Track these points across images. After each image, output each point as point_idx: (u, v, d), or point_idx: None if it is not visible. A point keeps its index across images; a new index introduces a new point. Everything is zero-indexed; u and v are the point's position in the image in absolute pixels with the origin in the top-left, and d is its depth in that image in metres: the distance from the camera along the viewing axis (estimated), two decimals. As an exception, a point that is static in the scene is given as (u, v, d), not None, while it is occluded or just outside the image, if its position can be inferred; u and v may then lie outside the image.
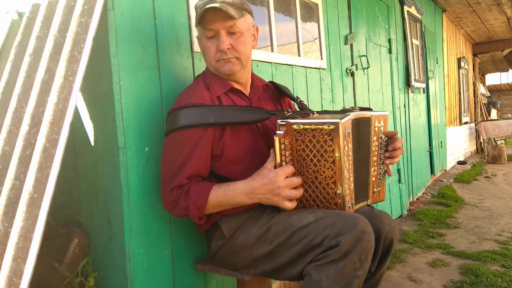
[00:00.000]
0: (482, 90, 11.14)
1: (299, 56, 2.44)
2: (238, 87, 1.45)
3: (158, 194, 1.37)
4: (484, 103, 11.12)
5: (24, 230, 1.09)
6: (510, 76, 17.73)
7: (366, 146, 1.41)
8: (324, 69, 2.65)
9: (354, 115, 1.32)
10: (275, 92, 1.63)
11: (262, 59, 2.04)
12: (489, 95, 13.20)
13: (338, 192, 1.26)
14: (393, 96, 3.88)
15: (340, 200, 1.27)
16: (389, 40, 3.87)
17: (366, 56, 3.24)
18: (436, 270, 2.65)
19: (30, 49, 1.36)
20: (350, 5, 3.09)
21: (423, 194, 4.76)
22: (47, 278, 1.35)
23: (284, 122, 1.28)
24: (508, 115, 13.98)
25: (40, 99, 1.25)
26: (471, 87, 9.13)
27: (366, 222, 1.20)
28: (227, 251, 1.37)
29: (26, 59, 1.35)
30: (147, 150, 1.41)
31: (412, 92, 4.42)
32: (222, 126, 1.33)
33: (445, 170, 6.20)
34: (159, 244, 1.45)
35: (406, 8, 4.31)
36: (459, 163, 7.20)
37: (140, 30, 1.41)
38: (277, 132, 1.28)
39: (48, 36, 1.34)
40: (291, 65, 2.28)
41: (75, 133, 1.48)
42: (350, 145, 1.29)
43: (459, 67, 7.62)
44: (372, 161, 1.43)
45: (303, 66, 2.41)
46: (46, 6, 1.40)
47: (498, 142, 8.23)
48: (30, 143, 1.21)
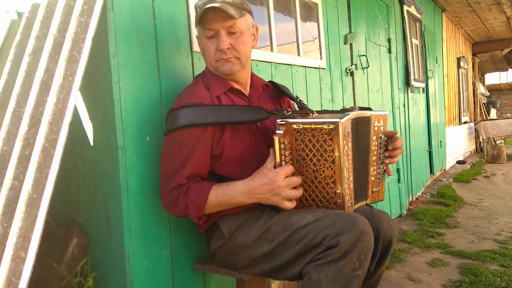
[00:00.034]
0: (481, 89, 11.14)
1: (299, 56, 2.43)
2: (237, 86, 1.45)
3: (157, 194, 1.37)
4: (484, 103, 11.13)
5: (23, 230, 1.09)
6: (510, 76, 17.75)
7: (365, 145, 1.40)
8: (323, 68, 2.65)
9: (353, 114, 1.32)
10: (275, 92, 1.63)
11: (262, 59, 2.03)
12: (488, 94, 13.22)
13: (338, 191, 1.26)
14: (392, 95, 3.88)
15: (339, 200, 1.27)
16: (388, 40, 3.87)
17: (365, 55, 3.24)
18: (435, 269, 2.65)
19: (29, 49, 1.36)
20: (349, 4, 3.09)
21: (422, 193, 4.76)
22: (46, 278, 1.35)
23: (283, 122, 1.27)
24: (508, 114, 13.99)
25: (39, 99, 1.25)
26: (470, 87, 9.13)
27: (366, 221, 1.20)
28: (227, 251, 1.37)
29: (26, 59, 1.35)
30: (146, 149, 1.41)
31: (411, 91, 4.42)
32: (222, 125, 1.33)
33: (444, 169, 6.21)
34: (158, 244, 1.45)
35: (405, 7, 4.31)
36: (459, 162, 7.20)
37: (139, 30, 1.41)
38: (276, 131, 1.28)
39: (47, 36, 1.34)
40: (290, 64, 2.28)
41: (74, 133, 1.47)
42: (350, 144, 1.29)
43: (458, 66, 7.62)
44: (372, 160, 1.43)
45: (303, 66, 2.41)
46: (45, 6, 1.40)
47: (498, 142, 8.24)
48: (29, 143, 1.20)
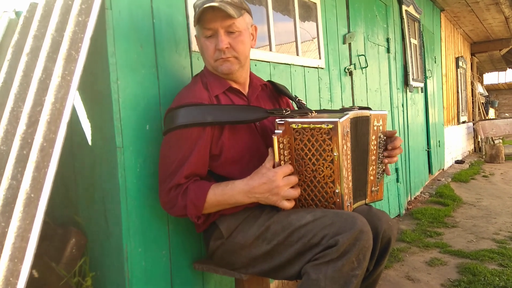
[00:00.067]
0: (480, 89, 11.16)
1: (298, 56, 2.43)
2: (236, 86, 1.44)
3: (156, 193, 1.37)
4: (482, 103, 11.15)
5: (21, 230, 1.08)
6: (508, 76, 17.81)
7: (364, 145, 1.40)
8: (322, 68, 2.65)
9: (352, 114, 1.32)
10: (274, 92, 1.63)
11: (261, 59, 2.03)
12: (487, 94, 13.24)
13: (337, 191, 1.26)
14: (391, 95, 3.88)
15: (338, 199, 1.27)
16: (387, 40, 3.87)
17: (364, 55, 3.24)
18: (434, 269, 2.65)
19: (27, 48, 1.35)
20: (348, 4, 3.09)
21: (421, 193, 4.76)
22: (44, 278, 1.34)
23: (282, 121, 1.27)
24: (506, 114, 14.03)
25: (37, 98, 1.24)
26: (469, 87, 9.14)
27: (364, 221, 1.20)
28: (226, 251, 1.37)
29: (24, 58, 1.34)
30: (144, 148, 1.40)
31: (410, 91, 4.42)
32: (221, 125, 1.33)
33: (443, 169, 6.22)
34: (157, 243, 1.44)
35: (404, 7, 4.31)
36: (457, 162, 7.21)
37: (138, 29, 1.41)
38: (275, 131, 1.27)
39: (45, 35, 1.33)
40: (289, 64, 2.28)
41: (73, 132, 1.47)
42: (349, 144, 1.29)
43: (457, 66, 7.64)
44: (371, 160, 1.43)
45: (302, 66, 2.41)
46: (43, 5, 1.40)
47: (496, 142, 8.25)
48: (27, 142, 1.20)
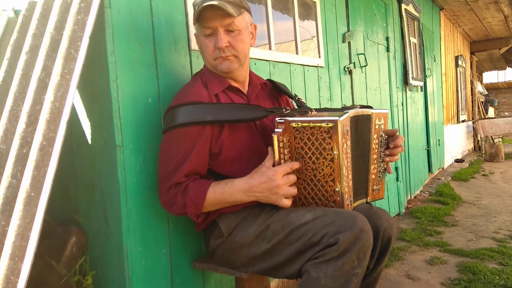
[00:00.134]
0: (479, 88, 11.17)
1: (297, 54, 2.43)
2: (236, 85, 1.44)
3: (155, 192, 1.37)
4: (482, 101, 11.15)
5: (21, 229, 1.08)
6: (508, 74, 17.84)
7: (366, 143, 1.40)
8: (322, 67, 2.65)
9: (353, 112, 1.32)
10: (273, 90, 1.63)
11: (260, 57, 2.03)
12: (486, 93, 13.25)
13: (337, 189, 1.26)
14: (391, 94, 3.88)
15: (338, 198, 1.27)
16: (387, 38, 3.87)
17: (364, 54, 3.24)
18: (434, 268, 2.65)
19: (26, 47, 1.35)
20: (348, 3, 3.08)
21: (420, 192, 4.77)
22: (45, 276, 1.34)
23: (282, 120, 1.27)
24: (506, 113, 14.03)
25: (36, 97, 1.24)
26: (468, 85, 9.14)
27: (365, 220, 1.20)
28: (226, 249, 1.37)
29: (23, 57, 1.34)
30: (144, 147, 1.40)
31: (409, 90, 4.42)
32: (220, 124, 1.33)
33: (442, 168, 6.22)
34: (157, 242, 1.44)
35: (404, 6, 4.31)
36: (457, 161, 7.22)
37: (137, 28, 1.41)
38: (275, 130, 1.27)
39: (44, 34, 1.33)
40: (289, 63, 2.28)
41: (72, 131, 1.47)
42: (349, 142, 1.28)
43: (456, 65, 7.64)
44: (372, 158, 1.43)
45: (301, 64, 2.41)
46: (42, 3, 1.39)
47: (496, 140, 8.26)
48: (26, 141, 1.20)
